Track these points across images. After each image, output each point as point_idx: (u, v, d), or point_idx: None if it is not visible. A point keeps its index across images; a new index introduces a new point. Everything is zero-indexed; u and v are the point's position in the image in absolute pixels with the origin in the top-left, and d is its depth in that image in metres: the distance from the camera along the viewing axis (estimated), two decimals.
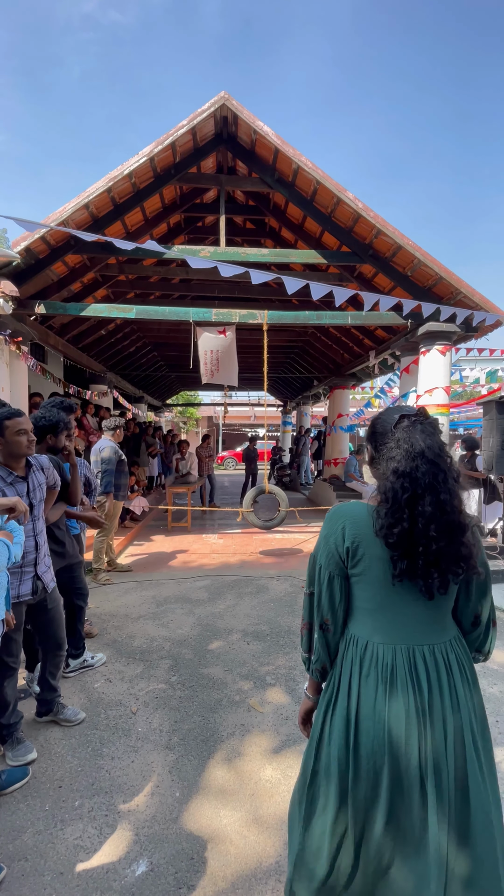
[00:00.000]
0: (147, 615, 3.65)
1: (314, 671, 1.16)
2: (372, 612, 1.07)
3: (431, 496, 0.99)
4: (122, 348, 9.66)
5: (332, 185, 4.80)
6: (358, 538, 1.05)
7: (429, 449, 1.01)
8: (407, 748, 0.99)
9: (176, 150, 4.95)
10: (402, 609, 1.05)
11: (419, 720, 1.00)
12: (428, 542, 0.98)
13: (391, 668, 1.03)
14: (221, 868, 1.55)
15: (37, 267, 4.93)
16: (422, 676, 1.02)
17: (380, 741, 1.01)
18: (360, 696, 1.05)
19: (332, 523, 1.10)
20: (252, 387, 14.84)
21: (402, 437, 1.03)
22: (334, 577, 1.08)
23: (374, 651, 1.06)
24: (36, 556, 2.03)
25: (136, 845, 1.63)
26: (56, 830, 1.68)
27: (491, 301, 5.06)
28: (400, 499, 0.99)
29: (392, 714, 1.01)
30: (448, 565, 1.00)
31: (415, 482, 0.99)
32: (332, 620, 1.10)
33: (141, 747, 2.12)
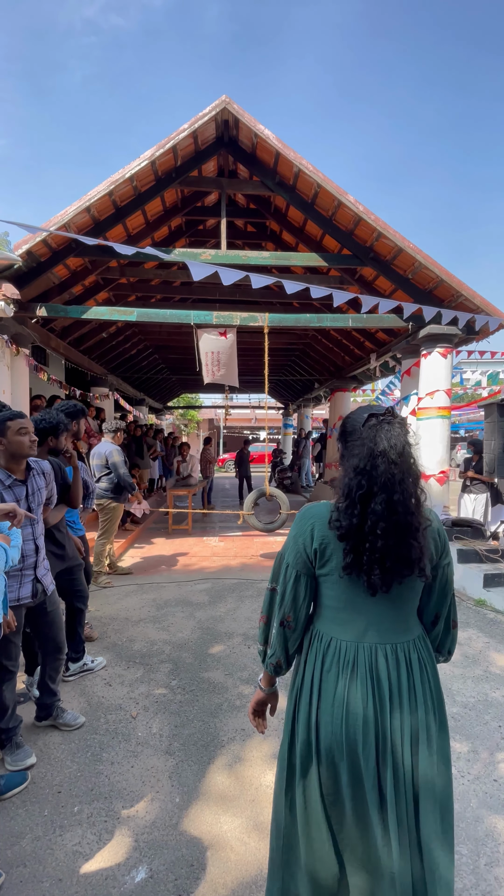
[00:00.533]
0: (147, 618, 3.64)
1: (269, 665, 1.18)
2: (337, 610, 1.09)
3: (385, 495, 0.99)
4: (124, 351, 9.67)
5: (332, 189, 4.81)
6: (326, 539, 1.06)
7: (391, 448, 1.00)
8: (365, 745, 1.01)
9: (177, 154, 4.97)
10: (366, 608, 1.06)
11: (376, 718, 1.02)
12: (374, 539, 0.99)
13: (352, 664, 1.05)
14: (221, 875, 1.53)
15: (38, 270, 4.95)
16: (382, 675, 1.04)
17: (337, 736, 1.02)
18: (321, 692, 1.07)
19: (301, 523, 1.11)
20: (253, 389, 14.86)
21: (367, 436, 1.03)
22: (301, 575, 1.10)
23: (338, 647, 1.08)
24: (36, 559, 2.03)
25: (135, 852, 1.61)
26: (55, 836, 1.67)
27: (492, 304, 5.06)
28: (354, 494, 1.01)
29: (350, 709, 1.03)
30: (394, 564, 1.00)
31: (371, 480, 1.00)
32: (293, 618, 1.12)
33: (141, 752, 2.10)
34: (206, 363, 5.68)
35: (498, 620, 3.71)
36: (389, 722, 1.02)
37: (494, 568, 4.32)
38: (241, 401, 19.57)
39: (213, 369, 5.74)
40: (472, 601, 4.11)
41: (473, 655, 3.10)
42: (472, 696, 2.61)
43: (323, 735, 1.05)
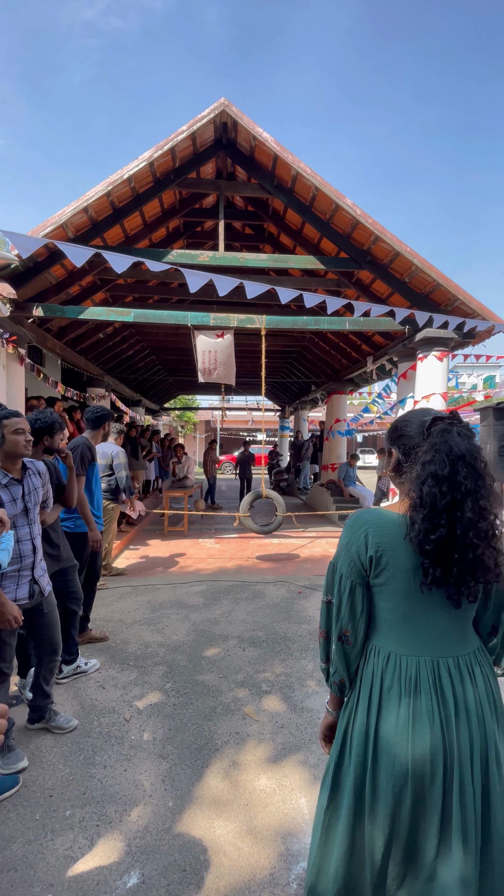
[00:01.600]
0: (142, 620, 3.62)
1: (332, 685, 1.11)
2: (395, 623, 1.03)
3: (472, 502, 0.95)
4: (120, 352, 9.65)
5: (330, 192, 4.82)
6: (382, 546, 1.01)
7: (468, 453, 0.97)
8: (433, 769, 0.95)
9: (176, 156, 4.98)
10: (425, 620, 1.02)
11: (444, 736, 0.96)
12: (465, 549, 0.94)
13: (415, 680, 0.99)
14: (215, 880, 1.52)
15: (35, 270, 4.93)
16: (447, 689, 0.98)
17: (402, 760, 0.96)
18: (380, 711, 1.01)
19: (353, 530, 1.05)
20: (250, 391, 14.87)
21: (438, 441, 0.98)
22: (356, 586, 1.04)
23: (398, 663, 1.01)
24: (33, 559, 2.01)
25: (127, 856, 1.60)
26: (46, 840, 1.65)
27: (488, 308, 5.09)
28: (439, 504, 0.94)
29: (416, 731, 0.97)
30: (482, 573, 0.96)
31: (455, 487, 0.95)
32: (352, 632, 1.05)
33: (134, 756, 2.09)
34: (203, 361, 5.67)
35: None
36: (457, 741, 0.96)
37: None
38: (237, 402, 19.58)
39: (209, 367, 5.74)
40: None
41: None
42: None
43: (384, 758, 0.98)
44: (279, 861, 1.59)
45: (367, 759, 1.01)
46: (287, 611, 3.87)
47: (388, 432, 1.16)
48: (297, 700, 2.55)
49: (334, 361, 9.57)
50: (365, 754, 1.01)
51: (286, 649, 3.16)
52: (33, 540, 2.01)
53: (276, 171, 5.16)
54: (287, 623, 3.61)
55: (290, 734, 2.26)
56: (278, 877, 1.53)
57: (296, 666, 2.92)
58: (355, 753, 1.03)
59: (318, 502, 9.53)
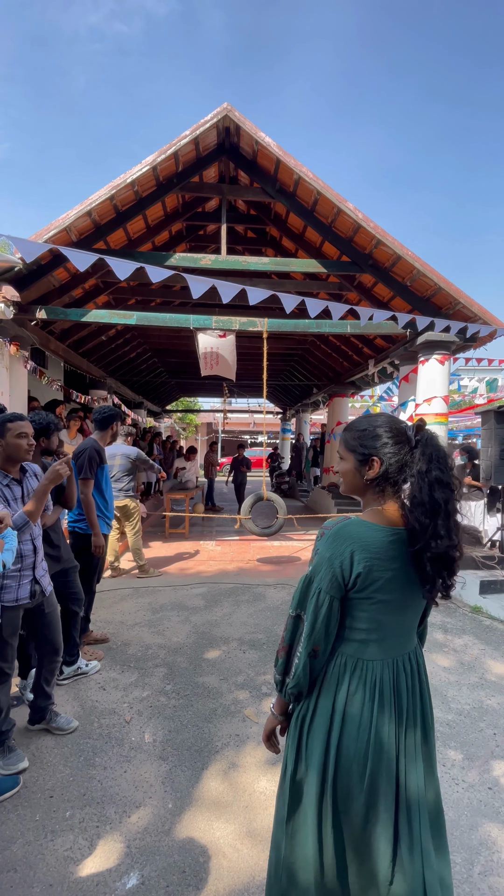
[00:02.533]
0: (143, 622, 3.63)
1: (288, 694, 1.10)
2: (366, 632, 1.04)
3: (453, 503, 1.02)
4: (123, 354, 9.69)
5: (332, 196, 4.85)
6: (371, 563, 0.99)
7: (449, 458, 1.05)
8: (388, 759, 1.01)
9: (178, 160, 5.01)
10: (393, 626, 1.05)
11: (398, 728, 1.03)
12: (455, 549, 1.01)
13: (379, 684, 1.03)
14: (214, 882, 1.52)
15: (38, 272, 4.97)
16: (402, 687, 1.05)
17: (360, 762, 1.00)
18: (344, 716, 1.02)
19: (335, 545, 1.01)
20: (251, 394, 14.89)
21: (432, 449, 1.04)
22: (334, 600, 1.01)
23: (364, 668, 1.04)
24: (34, 559, 2.03)
25: (127, 857, 1.60)
26: (46, 841, 1.65)
27: (489, 311, 5.10)
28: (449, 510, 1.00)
29: (378, 731, 1.01)
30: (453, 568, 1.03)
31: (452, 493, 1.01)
32: (323, 648, 1.03)
33: (134, 757, 2.09)
34: (204, 356, 5.69)
35: (494, 627, 3.71)
36: (405, 738, 1.03)
37: (490, 575, 4.32)
38: (239, 405, 19.59)
39: (210, 362, 5.77)
40: (469, 608, 4.11)
41: (469, 663, 3.10)
42: (468, 704, 2.60)
43: (344, 761, 1.00)
44: None
45: (328, 766, 1.02)
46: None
47: (360, 436, 1.09)
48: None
49: (336, 364, 9.59)
50: (326, 760, 1.02)
51: None
52: (34, 540, 2.03)
53: (279, 175, 5.19)
54: None
55: None
56: None
57: None
58: (314, 761, 1.03)
59: (319, 505, 9.53)
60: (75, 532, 2.97)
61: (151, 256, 5.34)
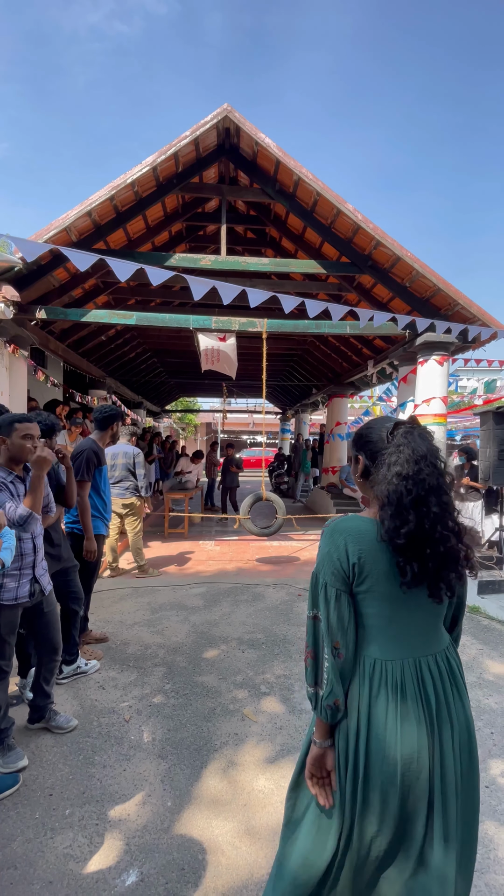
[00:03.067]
0: (142, 622, 3.63)
1: (324, 709, 1.03)
2: (380, 628, 1.04)
3: (436, 497, 0.99)
4: (122, 354, 9.70)
5: (331, 197, 4.86)
6: (363, 553, 1.01)
7: (430, 453, 1.02)
8: (419, 766, 0.98)
9: (178, 161, 5.02)
10: (407, 622, 1.04)
11: (430, 736, 0.99)
12: (436, 543, 0.98)
13: (401, 685, 1.01)
14: (213, 879, 1.53)
15: (38, 272, 4.97)
16: (429, 689, 1.02)
17: (391, 765, 0.98)
18: (370, 720, 1.01)
19: (332, 539, 1.05)
20: (251, 394, 14.90)
21: (402, 443, 1.03)
22: (341, 593, 1.03)
23: (383, 669, 1.02)
24: (34, 558, 2.04)
25: (126, 855, 1.61)
26: (46, 839, 1.66)
27: (489, 313, 5.11)
28: (405, 501, 0.98)
29: (405, 735, 0.98)
30: (455, 566, 1.00)
31: (419, 484, 0.98)
32: (343, 643, 1.03)
33: (133, 756, 2.10)
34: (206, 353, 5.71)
35: (492, 627, 3.73)
36: (440, 741, 1.00)
37: (489, 575, 4.34)
38: (238, 405, 19.61)
39: (212, 359, 5.81)
40: (467, 608, 4.13)
41: (467, 662, 3.11)
42: None
43: (374, 765, 0.99)
44: None
45: (358, 771, 1.00)
46: (286, 613, 3.88)
47: (352, 440, 1.18)
48: (295, 702, 2.56)
49: (335, 365, 9.60)
50: (356, 766, 1.01)
51: (285, 651, 3.17)
52: (34, 539, 2.04)
53: (278, 176, 5.20)
54: (286, 625, 3.62)
55: (289, 735, 2.27)
56: None
57: (295, 668, 2.93)
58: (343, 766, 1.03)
59: (318, 505, 9.54)
60: (73, 533, 2.98)
61: (151, 257, 5.35)
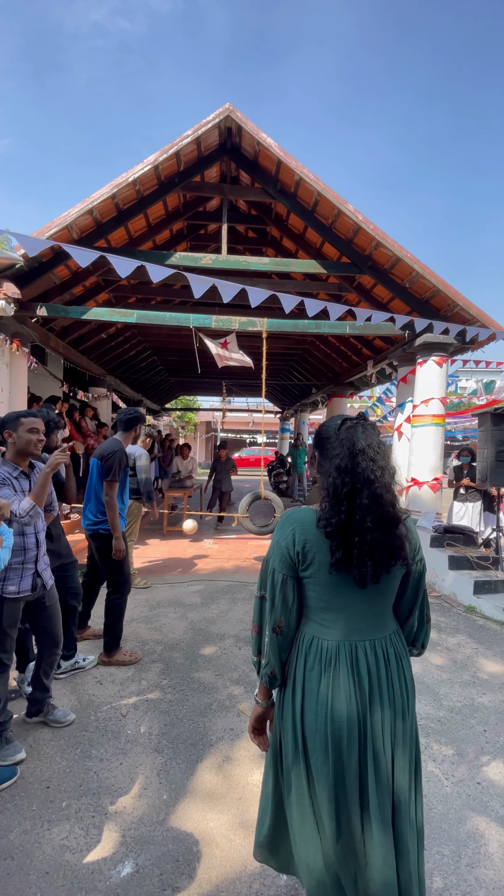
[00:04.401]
0: (140, 618, 3.66)
1: (264, 675, 1.18)
2: (320, 611, 1.12)
3: (368, 489, 1.03)
4: (123, 352, 9.70)
5: (332, 197, 4.88)
6: (308, 542, 1.09)
7: (368, 447, 1.06)
8: (349, 741, 1.05)
9: (180, 159, 5.03)
10: (345, 607, 1.10)
11: (359, 714, 1.06)
12: (363, 532, 1.03)
13: (334, 661, 1.09)
14: (206, 870, 1.55)
15: (39, 270, 4.98)
16: (362, 670, 1.08)
17: (322, 734, 1.06)
18: (304, 689, 1.11)
19: (283, 528, 1.14)
20: (251, 393, 14.90)
21: (344, 437, 1.08)
22: (287, 578, 1.12)
23: (319, 645, 1.11)
24: (37, 552, 2.06)
25: (122, 846, 1.63)
26: (43, 830, 1.69)
27: (487, 314, 5.13)
28: (340, 492, 1.04)
29: (334, 706, 1.06)
30: (382, 556, 1.05)
31: (354, 477, 1.04)
32: (285, 623, 1.13)
33: (130, 750, 2.12)
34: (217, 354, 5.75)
35: (487, 627, 3.75)
36: (370, 717, 1.07)
37: (485, 575, 4.37)
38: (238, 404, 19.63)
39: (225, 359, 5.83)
40: (463, 607, 4.15)
41: (462, 661, 3.14)
42: (459, 701, 2.64)
43: (308, 733, 1.09)
44: None
45: (297, 737, 1.11)
46: None
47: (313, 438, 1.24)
48: None
49: (335, 364, 9.62)
50: (295, 733, 1.11)
51: None
52: (37, 534, 2.06)
53: (280, 175, 5.21)
54: None
55: None
56: (268, 868, 1.56)
57: None
58: (288, 733, 1.13)
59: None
60: (99, 533, 2.89)
61: (152, 255, 5.36)
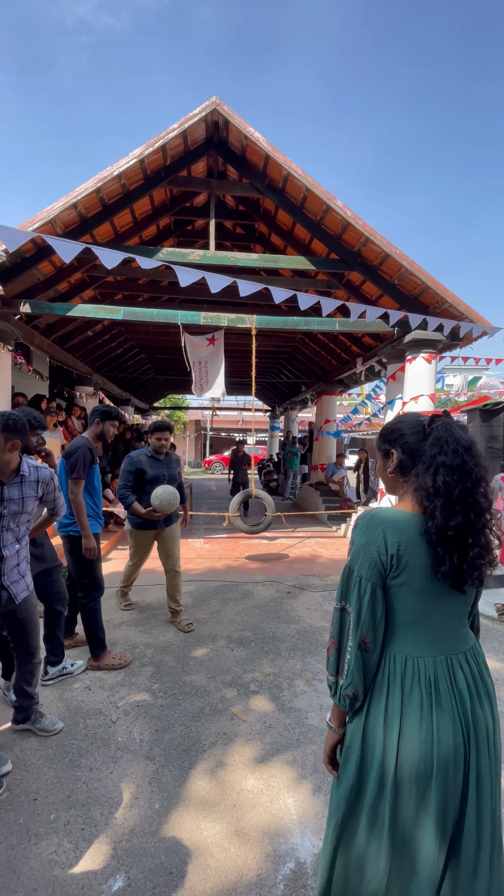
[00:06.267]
0: (130, 621, 3.59)
1: (343, 697, 1.05)
2: (410, 623, 1.03)
3: (481, 488, 1.00)
4: (109, 350, 9.57)
5: (321, 193, 4.84)
6: (402, 544, 1.00)
7: (473, 444, 1.02)
8: (455, 766, 0.98)
9: (167, 153, 4.95)
10: (438, 618, 1.03)
11: (465, 734, 0.99)
12: (478, 534, 0.99)
13: (434, 682, 1.00)
14: (201, 882, 1.51)
15: (23, 266, 4.87)
16: (462, 687, 1.01)
17: (427, 765, 0.97)
18: (402, 718, 1.00)
19: (370, 530, 1.03)
20: (240, 391, 14.86)
21: (444, 435, 1.02)
22: (377, 588, 1.02)
23: (416, 666, 1.02)
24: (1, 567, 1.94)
25: (113, 859, 1.58)
26: (30, 845, 1.62)
27: (475, 311, 5.15)
28: (455, 492, 0.98)
29: (441, 735, 0.98)
30: (489, 556, 1.01)
31: (466, 476, 0.99)
32: (372, 638, 1.02)
33: (120, 758, 2.07)
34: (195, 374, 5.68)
35: (484, 625, 3.76)
36: (476, 740, 1.00)
37: None
38: (228, 402, 19.58)
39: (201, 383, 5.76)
40: None
41: None
42: None
43: (408, 765, 0.98)
44: (266, 862, 1.58)
45: (388, 770, 0.99)
46: (276, 611, 3.87)
47: (383, 434, 1.18)
48: (285, 700, 2.54)
49: (324, 362, 9.61)
50: (384, 765, 1.00)
51: (275, 649, 3.16)
52: (2, 549, 1.93)
53: (268, 170, 5.16)
54: (276, 623, 3.61)
55: (278, 734, 2.25)
56: (265, 878, 1.53)
57: (284, 666, 2.92)
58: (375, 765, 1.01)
59: (307, 503, 9.56)
60: (69, 535, 2.79)
61: (139, 251, 5.27)
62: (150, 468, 3.39)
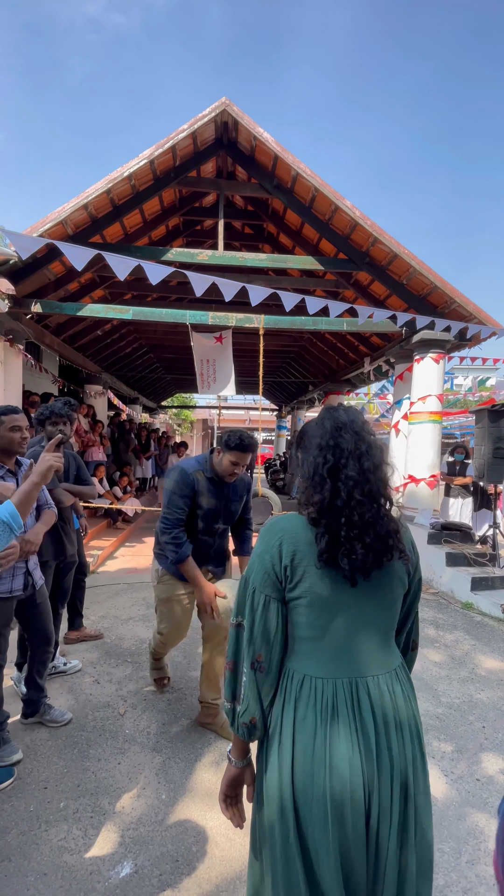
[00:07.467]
0: (137, 617, 3.64)
1: (240, 727, 0.94)
2: (311, 640, 0.92)
3: (355, 462, 0.91)
4: (118, 349, 9.65)
5: (329, 193, 4.85)
6: (298, 552, 0.91)
7: (352, 422, 0.95)
8: (353, 803, 0.84)
9: (176, 154, 4.99)
10: (341, 635, 0.91)
11: (362, 772, 0.85)
12: (350, 511, 0.88)
13: (332, 707, 0.88)
14: (206, 870, 1.54)
15: (34, 266, 4.93)
16: (366, 715, 0.88)
17: (320, 799, 0.84)
18: (294, 744, 0.88)
19: (266, 538, 0.94)
20: (247, 390, 14.89)
21: (324, 416, 0.98)
22: (270, 600, 0.92)
23: (312, 687, 0.90)
24: None
25: (120, 847, 1.62)
26: (40, 831, 1.67)
27: (485, 311, 5.13)
28: (321, 469, 0.91)
29: (334, 766, 0.85)
30: (374, 540, 0.89)
31: (338, 452, 0.92)
32: (265, 656, 0.91)
33: (128, 749, 2.11)
34: (201, 373, 5.71)
35: (484, 623, 3.76)
36: (377, 772, 0.86)
37: (482, 571, 4.37)
38: (235, 401, 19.63)
39: (207, 380, 5.78)
40: (460, 604, 4.16)
41: (460, 657, 3.14)
42: (458, 697, 2.64)
43: (302, 798, 0.86)
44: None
45: (284, 801, 0.87)
46: None
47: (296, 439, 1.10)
48: None
49: (332, 362, 9.60)
50: (281, 795, 0.87)
51: None
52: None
53: (276, 171, 5.18)
54: None
55: None
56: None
57: None
58: (272, 795, 0.89)
59: None
60: None
61: (148, 251, 5.32)
62: (207, 497, 2.11)
